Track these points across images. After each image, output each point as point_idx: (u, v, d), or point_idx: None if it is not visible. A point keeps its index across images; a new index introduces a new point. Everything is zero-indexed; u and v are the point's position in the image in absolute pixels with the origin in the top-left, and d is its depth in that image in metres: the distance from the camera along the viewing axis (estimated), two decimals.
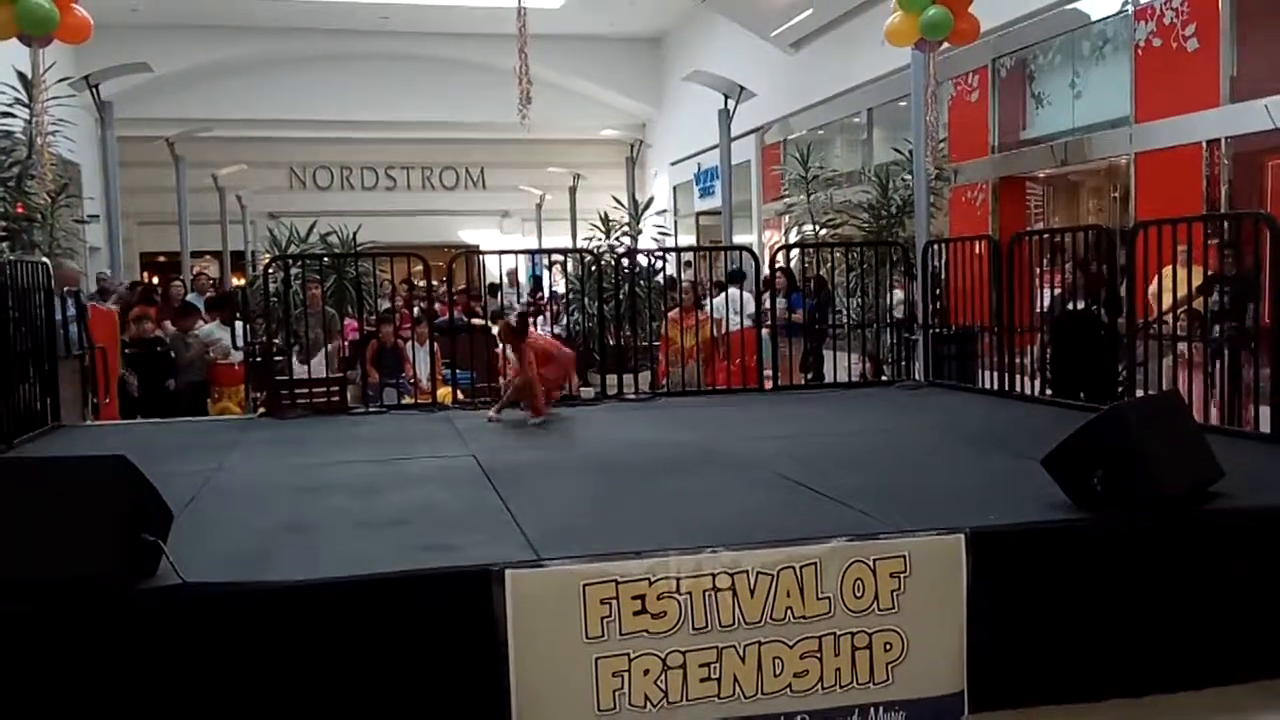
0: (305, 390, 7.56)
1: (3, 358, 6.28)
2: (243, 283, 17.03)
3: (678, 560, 3.50)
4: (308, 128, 22.98)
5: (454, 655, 3.38)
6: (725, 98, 13.22)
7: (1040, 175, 13.70)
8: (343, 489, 4.84)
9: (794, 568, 3.55)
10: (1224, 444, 4.66)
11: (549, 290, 11.81)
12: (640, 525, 3.98)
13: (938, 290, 8.95)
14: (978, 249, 8.64)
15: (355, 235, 12.19)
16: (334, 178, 24.87)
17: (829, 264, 11.21)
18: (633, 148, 21.05)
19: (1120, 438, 3.89)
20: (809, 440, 6.15)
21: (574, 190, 20.20)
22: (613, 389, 8.29)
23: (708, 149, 18.82)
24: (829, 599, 3.57)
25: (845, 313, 10.72)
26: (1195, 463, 4.14)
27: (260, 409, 7.89)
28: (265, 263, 9.54)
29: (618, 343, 9.57)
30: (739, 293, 10.21)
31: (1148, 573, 3.82)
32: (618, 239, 12.93)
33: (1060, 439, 4.08)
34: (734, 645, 3.49)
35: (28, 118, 9.19)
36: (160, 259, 22.92)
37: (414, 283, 13.27)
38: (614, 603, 3.42)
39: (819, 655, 3.55)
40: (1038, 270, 8.24)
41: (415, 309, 10.82)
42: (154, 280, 19.94)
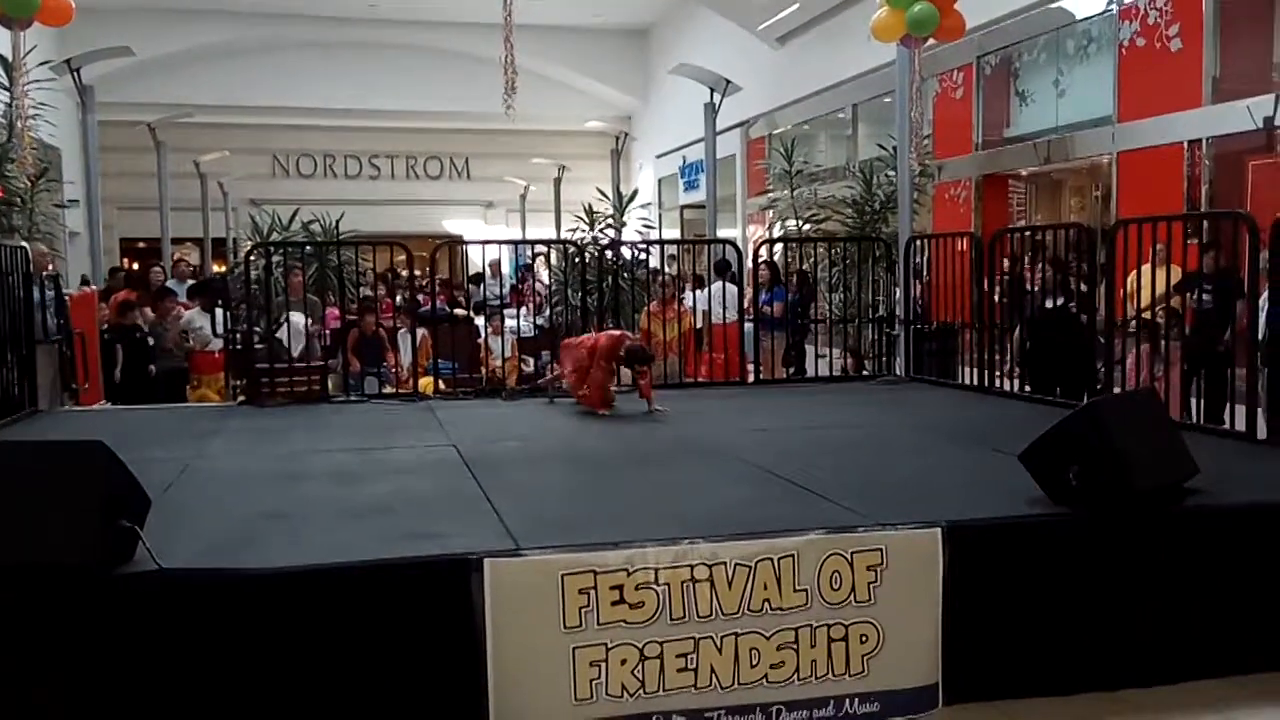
0: (285, 378, 7.54)
1: None
2: (224, 269, 16.92)
3: (656, 551, 3.52)
4: (291, 115, 22.84)
5: (433, 644, 3.38)
6: (711, 91, 13.20)
7: (1023, 173, 13.77)
8: (323, 477, 4.83)
9: (771, 560, 3.57)
10: (1200, 442, 4.71)
11: (534, 281, 11.80)
12: (620, 516, 3.99)
13: (921, 286, 8.99)
14: (960, 245, 8.68)
15: (338, 224, 12.12)
16: (317, 165, 24.74)
17: (812, 259, 11.23)
18: (618, 140, 20.99)
19: (1096, 434, 3.92)
20: (789, 434, 6.18)
21: (559, 182, 20.15)
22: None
23: (693, 142, 18.82)
24: (806, 591, 3.59)
25: (828, 308, 10.76)
26: (1170, 460, 4.18)
27: (240, 397, 7.86)
28: (246, 250, 9.48)
29: None
30: (723, 285, 10.22)
31: (1121, 568, 3.85)
32: (602, 231, 12.90)
33: (1037, 435, 4.12)
34: (711, 636, 3.51)
35: (8, 101, 9.10)
36: (140, 245, 22.75)
37: (397, 272, 13.20)
38: (592, 593, 3.43)
39: (795, 647, 3.57)
40: (1020, 268, 8.29)
41: (398, 298, 10.79)
42: (134, 266, 19.81)
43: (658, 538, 3.56)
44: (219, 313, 8.93)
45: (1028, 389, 7.62)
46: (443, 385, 8.15)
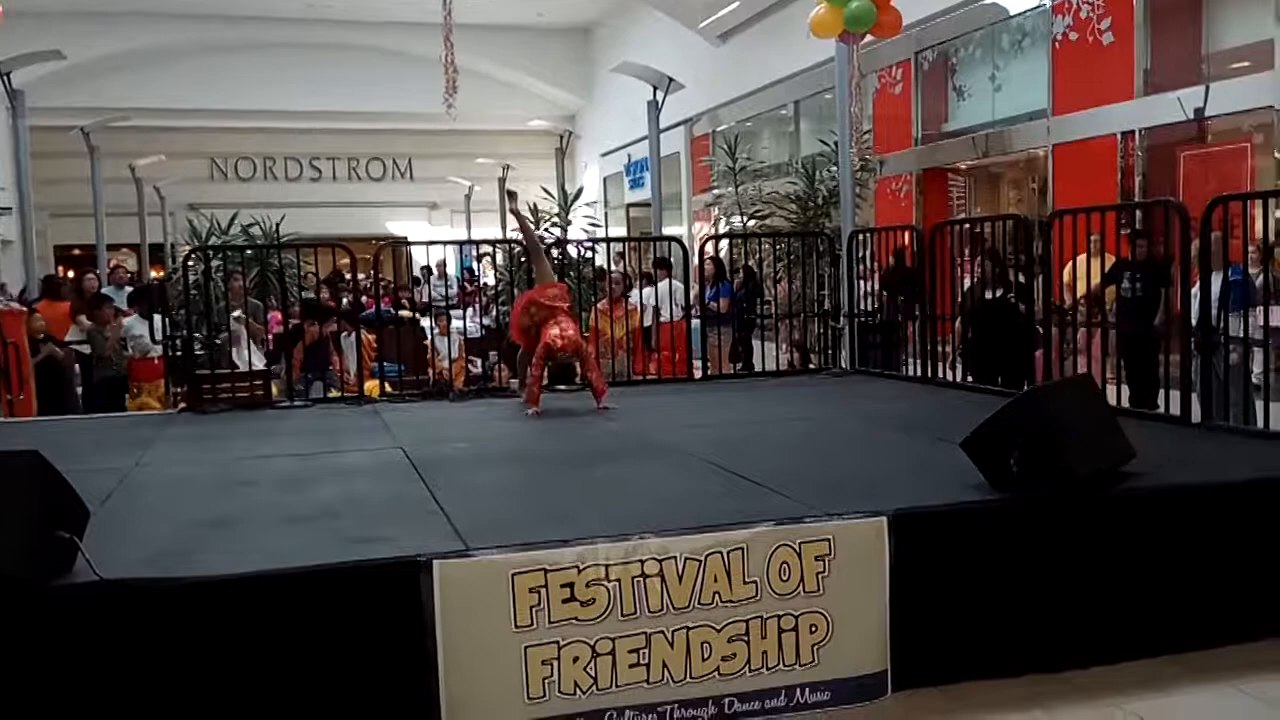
0: (228, 384, 7.42)
1: None
2: (161, 275, 16.62)
3: (606, 548, 3.52)
4: (229, 117, 22.51)
5: (383, 648, 3.35)
6: (654, 89, 13.25)
7: (962, 167, 13.98)
8: (267, 483, 4.76)
9: (721, 553, 3.59)
10: (1136, 427, 4.82)
11: (480, 282, 11.73)
12: (570, 514, 3.99)
13: (865, 278, 9.09)
14: (902, 239, 8.80)
15: (278, 226, 11.96)
16: (256, 169, 24.41)
17: (758, 255, 11.31)
18: (562, 139, 21.03)
19: (1035, 420, 4.00)
20: (736, 428, 6.21)
21: (503, 181, 20.09)
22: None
23: (637, 140, 18.85)
24: (756, 583, 3.61)
25: (774, 303, 10.83)
26: (1108, 444, 4.27)
27: (181, 404, 7.72)
28: (184, 254, 9.32)
29: None
30: (669, 283, 10.25)
31: (1062, 551, 3.93)
32: (547, 229, 12.87)
33: (978, 423, 4.19)
34: (663, 631, 3.52)
35: None
36: (75, 252, 22.28)
37: (342, 275, 13.06)
38: (543, 591, 3.42)
39: (746, 638, 3.60)
40: (959, 260, 8.42)
41: (343, 301, 10.67)
42: (68, 274, 19.37)
43: (608, 534, 3.56)
44: (158, 319, 8.77)
45: (969, 379, 7.74)
46: (389, 388, 8.07)
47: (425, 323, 10.40)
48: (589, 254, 11.42)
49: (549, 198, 13.72)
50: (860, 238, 9.11)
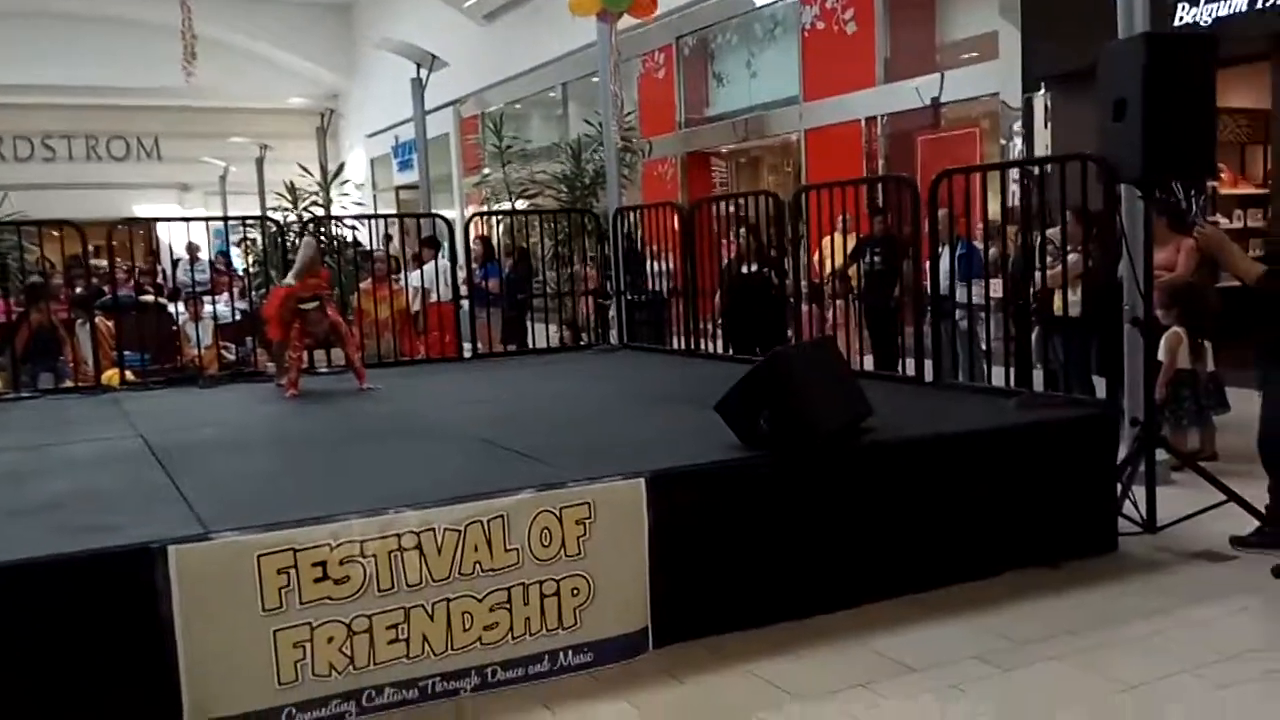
0: None
1: None
2: None
3: (362, 523, 3.42)
4: None
5: (118, 640, 3.13)
6: (418, 66, 12.94)
7: (724, 151, 14.46)
8: None
9: (481, 522, 3.56)
10: (875, 387, 5.14)
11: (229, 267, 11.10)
12: (327, 494, 3.83)
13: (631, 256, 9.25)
14: (665, 217, 9.00)
15: None
16: None
17: (532, 237, 11.29)
18: (323, 117, 20.24)
19: (780, 381, 4.19)
20: (505, 404, 6.19)
21: (261, 162, 19.13)
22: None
23: (404, 121, 18.41)
24: (517, 550, 3.60)
25: (544, 283, 10.85)
26: (849, 401, 4.53)
27: None
28: None
29: None
30: (436, 263, 10.07)
31: (809, 503, 4.14)
32: (306, 209, 12.35)
33: None
34: (422, 604, 3.46)
35: None
36: None
37: (79, 260, 12.06)
38: (292, 572, 3.28)
39: (509, 606, 3.59)
40: (722, 240, 8.70)
41: (77, 288, 9.87)
42: None
43: (362, 510, 3.46)
44: None
45: (730, 350, 8.02)
46: (131, 376, 7.52)
47: (173, 308, 9.77)
48: (354, 231, 11.00)
49: (305, 174, 13.16)
50: (625, 215, 9.25)
